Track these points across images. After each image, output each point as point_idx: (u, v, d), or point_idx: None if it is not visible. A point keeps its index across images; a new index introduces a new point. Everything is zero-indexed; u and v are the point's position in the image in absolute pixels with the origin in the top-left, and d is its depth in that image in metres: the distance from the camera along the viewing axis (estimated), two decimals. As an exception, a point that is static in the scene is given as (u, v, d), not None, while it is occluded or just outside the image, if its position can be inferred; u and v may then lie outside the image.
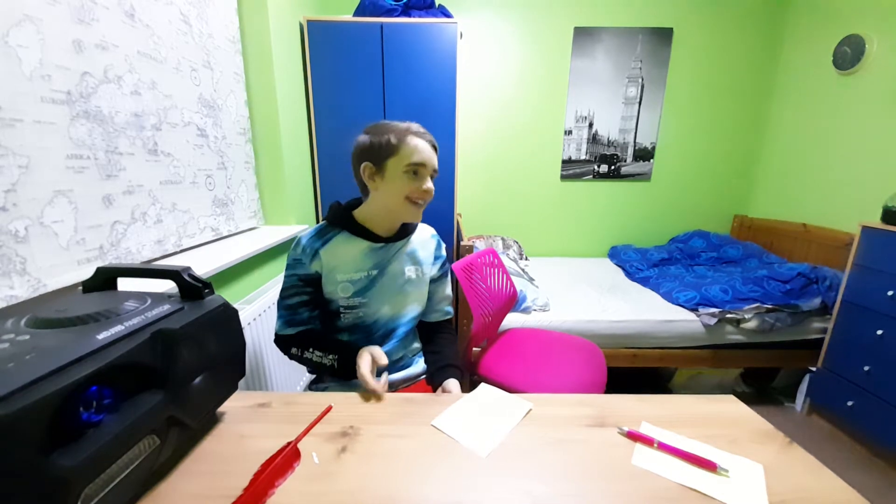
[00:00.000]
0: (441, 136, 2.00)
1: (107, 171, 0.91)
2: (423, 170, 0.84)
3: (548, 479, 0.55)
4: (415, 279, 0.94)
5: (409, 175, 0.83)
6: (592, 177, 2.78)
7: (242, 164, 1.53)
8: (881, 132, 2.00)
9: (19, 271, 0.71)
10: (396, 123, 0.84)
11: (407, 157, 0.82)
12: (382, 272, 0.90)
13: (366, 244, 0.89)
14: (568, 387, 1.23)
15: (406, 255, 0.93)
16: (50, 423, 0.37)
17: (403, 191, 0.84)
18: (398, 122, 0.85)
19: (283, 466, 0.55)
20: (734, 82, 2.63)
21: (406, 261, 0.93)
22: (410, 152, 0.82)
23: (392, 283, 0.91)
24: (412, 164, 0.83)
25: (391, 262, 0.91)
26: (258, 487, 0.51)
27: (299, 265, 0.87)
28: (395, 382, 0.96)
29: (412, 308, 0.96)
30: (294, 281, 0.88)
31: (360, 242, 0.89)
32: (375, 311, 0.91)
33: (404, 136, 0.82)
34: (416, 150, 0.83)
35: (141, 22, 1.01)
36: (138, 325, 0.49)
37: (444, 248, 1.03)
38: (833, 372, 1.76)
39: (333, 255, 0.87)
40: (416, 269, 0.94)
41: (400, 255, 0.92)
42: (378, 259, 0.90)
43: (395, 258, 0.92)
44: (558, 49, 2.56)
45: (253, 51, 1.58)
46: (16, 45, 0.71)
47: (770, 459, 0.58)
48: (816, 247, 2.23)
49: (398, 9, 1.93)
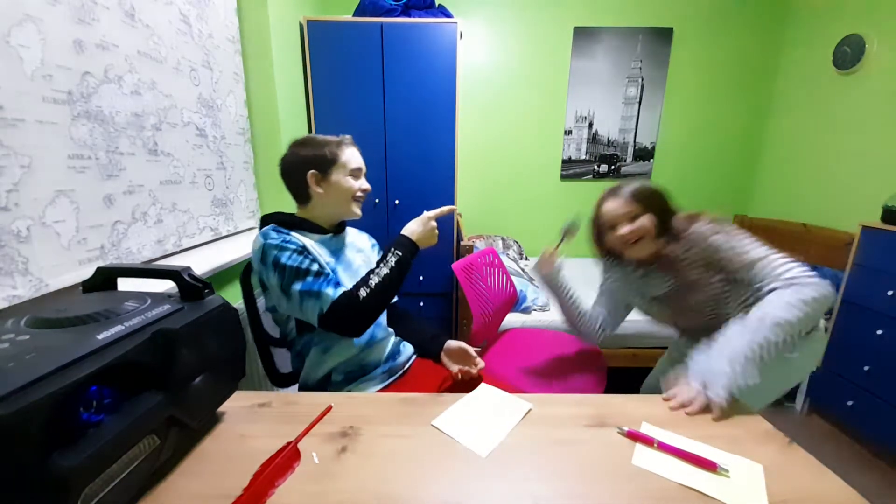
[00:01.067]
0: (441, 136, 2.00)
1: (108, 171, 0.91)
2: (359, 172, 0.96)
3: (548, 479, 0.55)
4: (363, 265, 1.01)
5: (352, 178, 0.94)
6: (592, 177, 2.78)
7: (242, 165, 1.53)
8: (881, 132, 2.00)
9: (21, 271, 0.71)
10: (326, 137, 0.95)
11: (349, 164, 0.93)
12: (339, 261, 0.96)
13: (317, 236, 0.95)
14: (568, 386, 1.23)
15: (349, 245, 1.02)
16: (50, 423, 0.37)
17: (350, 192, 0.94)
18: (323, 136, 0.96)
19: (283, 466, 0.55)
20: (734, 82, 2.63)
21: (353, 249, 1.02)
22: (350, 160, 0.94)
23: (349, 270, 0.96)
24: (355, 169, 0.94)
25: (343, 251, 0.99)
26: (258, 487, 0.51)
27: (289, 242, 0.83)
28: (395, 369, 1.00)
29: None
30: (293, 249, 0.83)
31: (311, 236, 0.94)
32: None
33: (342, 147, 0.94)
34: (353, 157, 0.95)
35: (141, 22, 1.01)
36: (138, 325, 0.49)
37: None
38: (833, 372, 1.76)
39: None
40: (362, 256, 1.03)
41: (349, 246, 1.02)
42: (331, 249, 0.96)
43: (347, 248, 1.01)
44: (558, 49, 2.56)
45: (252, 51, 1.58)
46: (17, 45, 0.71)
47: (770, 459, 0.58)
48: (816, 247, 2.22)
49: (398, 9, 1.93)
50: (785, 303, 0.75)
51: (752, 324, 0.76)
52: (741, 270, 0.85)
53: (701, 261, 0.90)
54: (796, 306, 0.75)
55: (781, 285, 0.79)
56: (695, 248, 0.91)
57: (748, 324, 0.76)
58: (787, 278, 0.79)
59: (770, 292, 0.79)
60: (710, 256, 0.89)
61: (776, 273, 0.81)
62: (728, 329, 0.79)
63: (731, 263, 0.86)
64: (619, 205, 0.94)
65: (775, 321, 0.74)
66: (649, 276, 1.00)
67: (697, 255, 0.90)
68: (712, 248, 0.88)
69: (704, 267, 0.90)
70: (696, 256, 0.91)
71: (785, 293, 0.77)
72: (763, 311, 0.77)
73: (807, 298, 0.75)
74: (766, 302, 0.78)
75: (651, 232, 0.91)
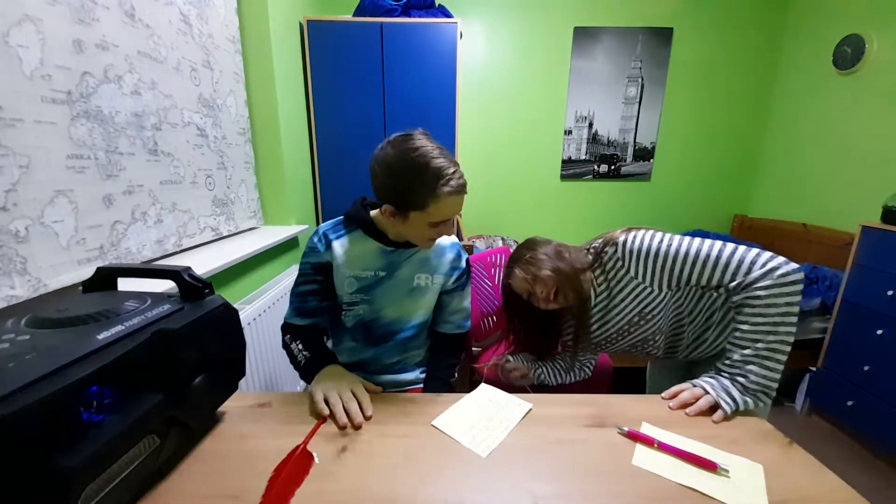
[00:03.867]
0: (441, 137, 1.98)
1: (107, 171, 0.91)
2: (449, 221, 0.80)
3: (548, 479, 0.54)
4: (423, 287, 0.91)
5: (433, 226, 0.79)
6: (592, 177, 2.78)
7: (242, 164, 1.53)
8: (881, 132, 2.00)
9: (20, 271, 0.71)
10: (432, 164, 0.73)
11: (435, 216, 0.76)
12: (391, 275, 0.89)
13: (377, 245, 0.88)
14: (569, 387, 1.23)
15: (418, 261, 0.91)
16: (50, 423, 0.37)
17: (425, 236, 0.81)
18: (433, 157, 0.73)
19: (298, 472, 0.55)
20: (734, 82, 2.63)
21: (417, 267, 0.91)
22: (439, 211, 0.76)
23: (399, 286, 0.90)
24: (438, 222, 0.78)
25: (401, 267, 0.90)
26: (277, 494, 0.51)
27: (313, 253, 0.88)
28: (385, 384, 0.92)
29: (417, 315, 0.94)
30: (307, 269, 0.89)
31: (372, 243, 0.88)
32: (377, 310, 0.91)
33: (436, 195, 0.73)
34: (446, 209, 0.76)
35: (141, 22, 1.01)
36: (138, 325, 0.49)
37: (465, 260, 0.98)
38: (833, 372, 1.76)
39: (345, 249, 0.88)
40: (426, 277, 0.91)
41: (411, 261, 0.90)
42: (388, 261, 0.89)
43: (407, 263, 0.90)
44: (558, 49, 2.56)
45: (253, 51, 1.58)
46: (16, 45, 0.71)
47: (770, 459, 0.58)
48: (816, 247, 2.23)
49: (398, 9, 1.93)
50: (776, 294, 0.70)
51: (757, 326, 0.71)
52: (692, 273, 0.77)
53: (639, 271, 0.82)
54: (788, 295, 0.69)
55: (758, 276, 0.71)
56: (626, 262, 0.83)
57: (755, 327, 0.71)
58: (766, 268, 0.71)
59: (748, 287, 0.72)
60: (647, 265, 0.81)
61: (745, 267, 0.73)
62: (734, 336, 0.74)
63: (675, 265, 0.78)
64: (518, 282, 0.88)
65: (781, 316, 0.69)
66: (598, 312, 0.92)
67: (630, 268, 0.83)
68: (644, 255, 0.80)
69: (642, 277, 0.82)
70: (626, 270, 0.84)
71: (769, 286, 0.70)
72: (759, 309, 0.71)
73: (788, 282, 0.69)
74: (755, 298, 0.71)
75: (559, 281, 0.83)
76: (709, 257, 0.75)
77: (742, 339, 0.73)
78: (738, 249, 0.74)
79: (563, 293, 0.84)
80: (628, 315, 0.89)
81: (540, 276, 0.83)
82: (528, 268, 0.85)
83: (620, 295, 0.87)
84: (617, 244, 0.84)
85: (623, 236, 0.84)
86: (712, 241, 0.77)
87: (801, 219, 2.38)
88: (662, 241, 0.79)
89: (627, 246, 0.82)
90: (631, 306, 0.87)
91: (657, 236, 0.80)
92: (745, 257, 0.73)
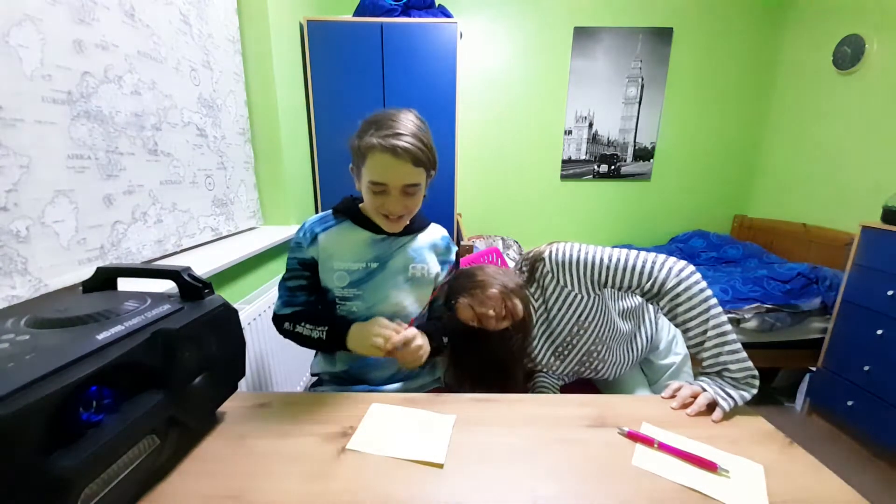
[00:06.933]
0: (441, 137, 1.99)
1: (107, 171, 0.91)
2: (386, 188, 0.77)
3: (548, 479, 0.54)
4: (418, 277, 0.90)
5: (375, 192, 0.78)
6: (592, 177, 2.78)
7: (242, 164, 1.53)
8: (881, 132, 2.00)
9: (20, 271, 0.71)
10: (381, 115, 0.77)
11: (368, 174, 0.76)
12: (383, 266, 0.87)
13: (367, 234, 0.87)
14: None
15: (410, 251, 0.89)
16: (50, 423, 0.37)
17: (372, 204, 0.80)
18: (393, 116, 0.77)
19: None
20: (734, 82, 2.63)
21: (410, 257, 0.89)
22: (371, 170, 0.75)
23: (392, 278, 0.87)
24: (371, 182, 0.77)
25: (393, 257, 0.88)
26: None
27: (299, 249, 0.87)
28: (391, 391, 0.92)
29: (412, 308, 0.91)
30: (293, 264, 0.88)
31: (361, 232, 0.87)
32: (371, 305, 0.87)
33: (370, 144, 0.73)
34: (376, 169, 0.75)
35: (141, 22, 1.01)
36: (138, 325, 0.49)
37: (455, 254, 0.98)
38: (833, 372, 1.76)
39: (332, 241, 0.86)
40: (420, 268, 0.90)
41: (403, 251, 0.89)
42: (379, 251, 0.87)
43: (398, 253, 0.88)
44: (558, 49, 2.56)
45: (253, 51, 1.58)
46: (16, 45, 0.71)
47: (770, 459, 0.58)
48: (816, 247, 2.23)
49: (398, 9, 1.93)
50: (688, 286, 0.77)
51: (695, 316, 0.76)
52: (608, 276, 0.85)
53: (566, 279, 0.89)
54: (696, 282, 0.77)
55: (663, 277, 0.79)
56: (555, 272, 0.90)
57: (695, 318, 0.76)
58: (664, 268, 0.80)
59: (662, 289, 0.79)
60: (572, 272, 0.88)
61: (647, 270, 0.81)
62: (688, 338, 0.79)
63: (594, 271, 0.86)
64: (465, 311, 0.91)
65: (704, 300, 0.76)
66: (547, 321, 0.98)
67: (562, 280, 0.90)
68: (568, 264, 0.88)
69: (571, 284, 0.90)
70: (556, 280, 0.91)
71: (679, 282, 0.78)
72: (685, 303, 0.77)
73: (688, 273, 0.78)
74: (675, 297, 0.78)
75: (507, 296, 0.88)
76: (619, 262, 0.84)
77: (694, 336, 0.77)
78: (641, 256, 0.83)
79: (513, 307, 0.89)
80: (568, 324, 0.95)
81: (489, 295, 0.88)
82: (475, 292, 0.90)
83: (556, 305, 0.94)
84: (545, 258, 0.91)
85: (548, 249, 0.91)
86: (626, 251, 0.86)
87: (801, 219, 2.38)
88: (581, 250, 0.88)
89: (553, 257, 0.90)
90: (568, 314, 0.94)
91: (576, 247, 0.89)
92: (646, 262, 0.82)
